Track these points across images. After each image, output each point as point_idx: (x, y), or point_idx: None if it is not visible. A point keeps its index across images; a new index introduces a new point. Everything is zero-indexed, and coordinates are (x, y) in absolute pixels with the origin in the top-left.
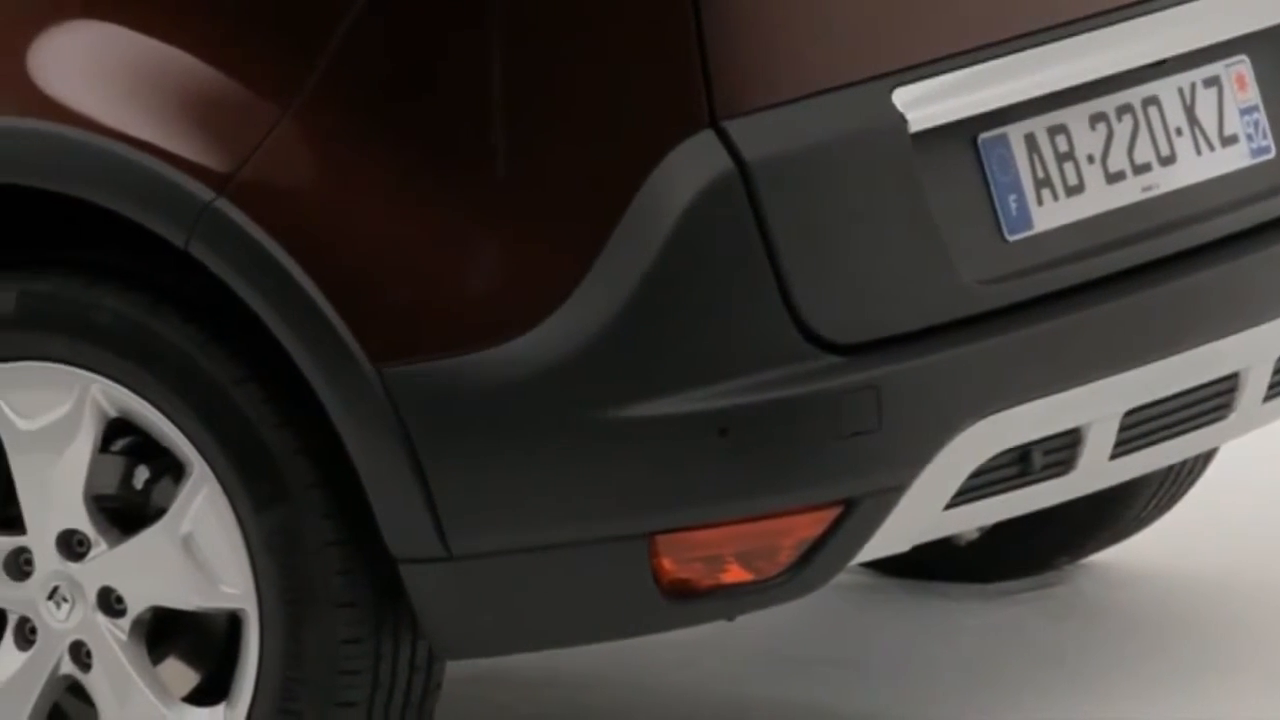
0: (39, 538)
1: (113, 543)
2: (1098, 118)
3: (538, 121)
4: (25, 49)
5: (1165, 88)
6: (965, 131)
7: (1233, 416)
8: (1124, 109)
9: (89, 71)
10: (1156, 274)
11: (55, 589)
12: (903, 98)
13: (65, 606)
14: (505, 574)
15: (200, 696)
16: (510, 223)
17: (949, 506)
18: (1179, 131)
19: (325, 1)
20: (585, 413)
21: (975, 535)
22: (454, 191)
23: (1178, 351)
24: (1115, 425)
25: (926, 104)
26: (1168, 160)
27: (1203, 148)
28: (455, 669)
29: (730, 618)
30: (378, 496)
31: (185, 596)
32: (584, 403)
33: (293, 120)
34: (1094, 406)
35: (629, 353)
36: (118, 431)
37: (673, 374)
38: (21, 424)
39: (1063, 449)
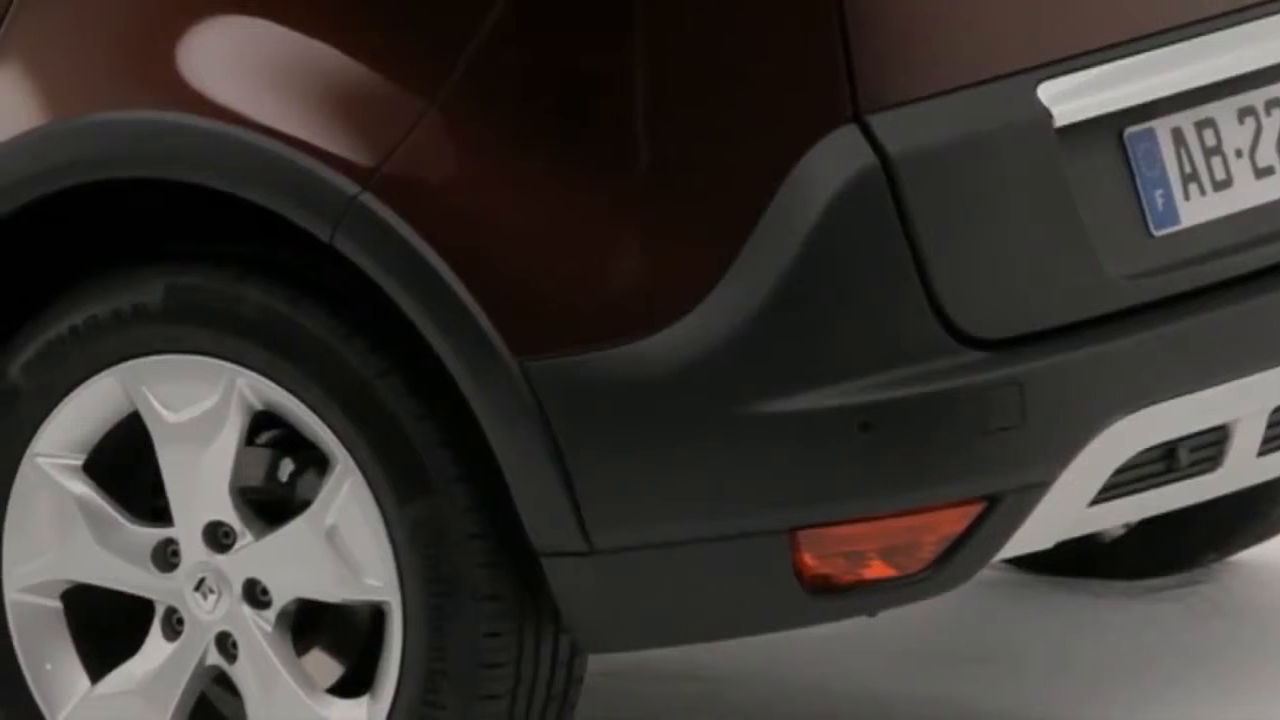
0: (186, 529)
1: (258, 535)
2: (1246, 112)
3: (680, 116)
4: (174, 44)
5: None
6: (1111, 126)
7: None
8: (1273, 103)
9: (236, 66)
10: None
11: (202, 580)
12: (1048, 92)
13: (212, 598)
14: (646, 568)
15: (344, 688)
16: (653, 217)
17: (1093, 503)
18: None
19: None
20: (727, 407)
21: (1121, 532)
22: (597, 186)
23: None
24: (1263, 421)
25: (1072, 98)
26: None
27: None
28: (596, 662)
29: (872, 613)
30: (520, 490)
31: (329, 589)
32: (726, 397)
33: (437, 114)
34: (1241, 403)
35: (772, 347)
36: (263, 424)
37: (815, 369)
38: (169, 416)
39: (1209, 445)
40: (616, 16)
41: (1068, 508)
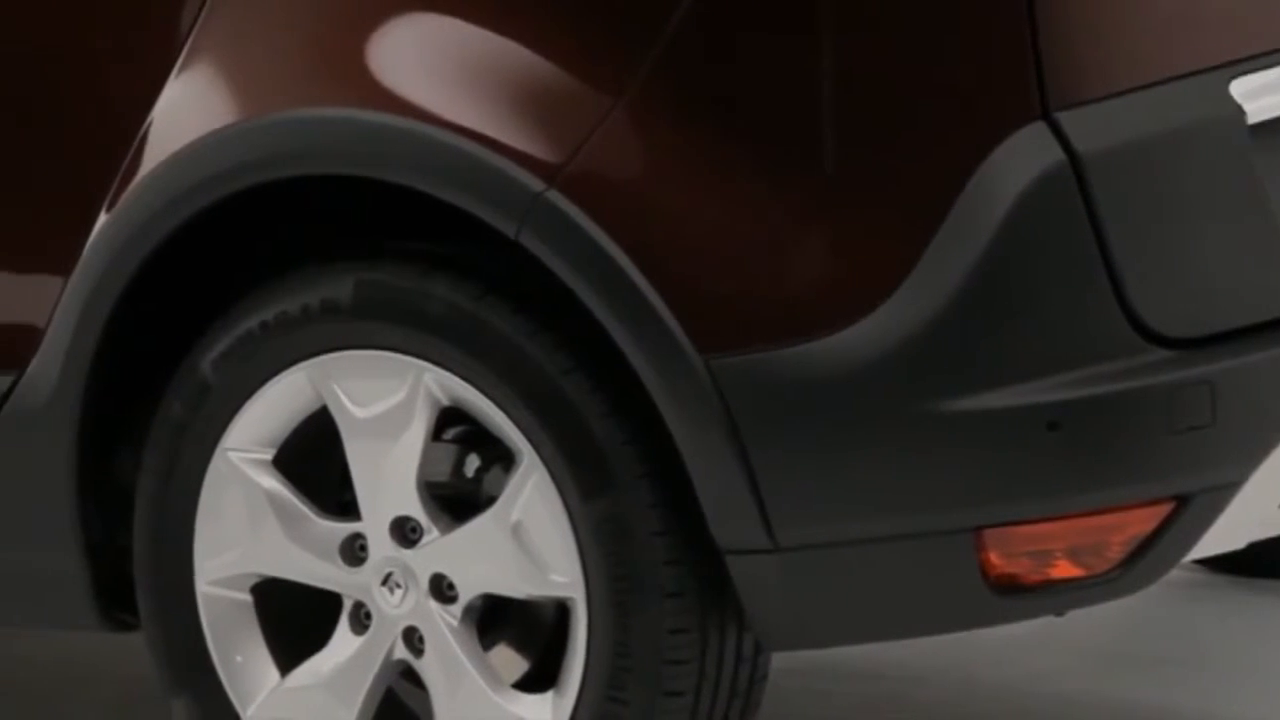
0: (373, 524)
1: (444, 530)
2: None
3: (867, 113)
4: (362, 42)
5: None
6: None
7: None
8: None
9: (423, 63)
10: None
11: (389, 575)
12: (1241, 88)
13: (399, 592)
14: (831, 566)
15: (529, 684)
16: (839, 214)
17: None
18: None
19: None
20: (913, 405)
21: None
22: (783, 183)
23: None
24: None
25: (1265, 95)
26: None
27: None
28: (780, 659)
29: (1060, 613)
30: (704, 487)
31: (515, 584)
32: (912, 395)
33: (623, 111)
34: None
35: (958, 345)
36: (449, 420)
37: (1002, 367)
38: (357, 411)
39: None
40: (802, 14)
41: (1259, 508)
